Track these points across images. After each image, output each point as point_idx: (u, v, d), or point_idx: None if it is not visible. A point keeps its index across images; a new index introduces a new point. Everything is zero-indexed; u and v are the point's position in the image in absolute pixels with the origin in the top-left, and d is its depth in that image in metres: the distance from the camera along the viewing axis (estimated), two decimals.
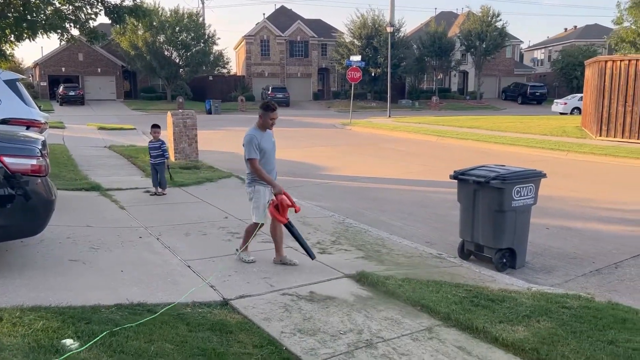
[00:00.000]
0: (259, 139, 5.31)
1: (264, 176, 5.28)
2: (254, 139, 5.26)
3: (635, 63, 16.49)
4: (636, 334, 3.83)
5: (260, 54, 52.93)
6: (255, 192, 5.43)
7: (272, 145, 5.50)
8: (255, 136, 5.29)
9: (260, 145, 5.28)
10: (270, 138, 5.49)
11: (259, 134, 5.35)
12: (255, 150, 5.25)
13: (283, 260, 5.60)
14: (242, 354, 3.49)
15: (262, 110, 5.36)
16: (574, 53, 51.73)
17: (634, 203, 9.26)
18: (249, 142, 5.25)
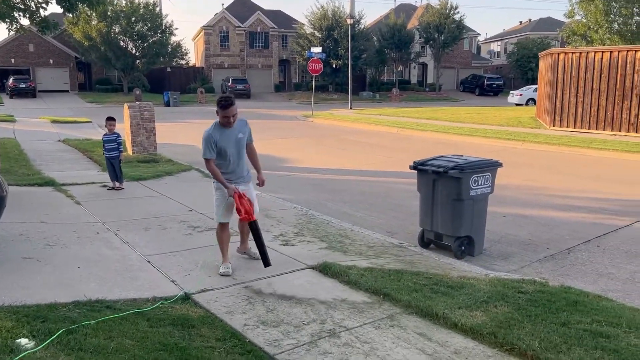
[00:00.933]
0: (217, 137, 4.91)
1: (218, 177, 4.97)
2: (210, 138, 4.89)
3: (586, 55, 17.07)
4: (586, 315, 4.00)
5: (220, 45, 52.20)
6: (217, 189, 5.15)
7: (234, 143, 5.01)
8: (211, 135, 4.90)
9: (218, 144, 4.91)
10: (233, 135, 5.01)
11: (217, 131, 4.95)
12: (210, 150, 4.90)
13: (247, 252, 5.54)
14: (205, 348, 3.46)
15: (217, 107, 4.93)
16: (529, 45, 53.14)
17: (585, 191, 9.62)
18: (204, 140, 4.92)
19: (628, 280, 5.34)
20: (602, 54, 16.71)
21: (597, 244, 6.49)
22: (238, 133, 5.06)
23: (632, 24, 36.89)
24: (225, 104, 4.85)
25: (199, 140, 7.82)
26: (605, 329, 3.78)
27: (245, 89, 45.69)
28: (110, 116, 9.34)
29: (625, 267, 5.70)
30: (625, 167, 12.21)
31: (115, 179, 9.12)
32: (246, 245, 5.57)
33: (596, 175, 11.30)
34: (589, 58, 16.93)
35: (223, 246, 5.17)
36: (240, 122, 5.11)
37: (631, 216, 7.70)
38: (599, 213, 7.97)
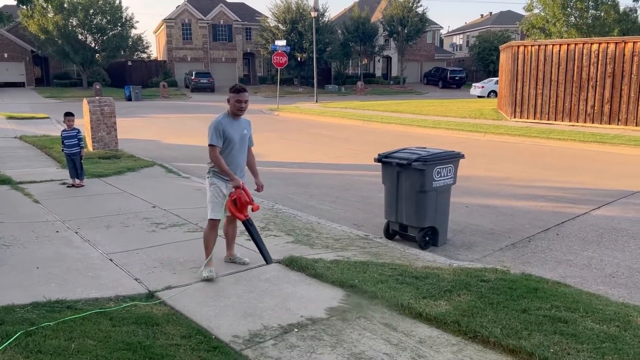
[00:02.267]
0: (225, 126, 4.72)
1: (223, 167, 4.70)
2: (219, 125, 4.71)
3: (544, 48, 17.50)
4: (546, 301, 4.12)
5: (182, 38, 51.34)
6: (211, 184, 4.85)
7: (240, 136, 4.84)
8: (221, 122, 4.73)
9: (225, 132, 4.70)
10: (240, 127, 4.86)
11: (227, 120, 4.77)
12: (217, 137, 4.68)
13: (233, 259, 5.24)
14: (170, 346, 3.42)
15: (230, 93, 4.78)
16: (490, 38, 54.17)
17: (545, 180, 9.88)
18: (213, 126, 4.71)
19: (585, 266, 5.52)
20: (560, 46, 17.16)
21: (556, 232, 6.68)
22: (244, 129, 4.91)
23: (587, 17, 37.99)
24: (239, 87, 4.81)
25: (162, 135, 7.72)
26: (563, 314, 3.90)
27: (209, 82, 45.13)
28: (69, 112, 9.08)
29: (582, 253, 5.89)
30: (582, 156, 12.60)
31: (76, 175, 8.91)
32: (232, 252, 5.28)
33: (555, 165, 11.62)
34: (547, 51, 17.37)
35: (209, 246, 4.86)
36: (245, 121, 4.98)
37: (588, 204, 7.96)
38: (558, 202, 8.21)
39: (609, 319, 3.83)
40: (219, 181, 4.81)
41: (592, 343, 3.45)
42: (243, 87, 4.82)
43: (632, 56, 15.39)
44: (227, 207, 4.76)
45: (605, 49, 15.99)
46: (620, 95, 15.77)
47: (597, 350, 3.36)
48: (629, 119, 15.64)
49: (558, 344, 3.44)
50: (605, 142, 13.69)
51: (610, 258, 5.73)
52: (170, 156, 12.86)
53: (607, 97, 16.03)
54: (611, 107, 16.01)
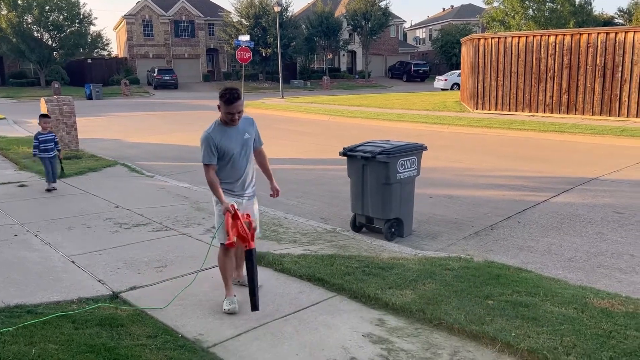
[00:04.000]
0: (218, 138, 4.00)
1: (214, 189, 4.01)
2: (209, 139, 3.99)
3: (504, 40, 17.86)
4: (508, 287, 4.22)
5: (143, 34, 50.37)
6: (217, 202, 4.10)
7: (241, 143, 4.12)
8: (211, 136, 4.00)
9: (219, 145, 4.00)
10: (238, 135, 4.11)
11: (218, 131, 4.04)
12: (210, 154, 3.98)
13: (242, 281, 4.51)
14: (135, 346, 3.37)
15: (220, 102, 4.02)
16: (452, 32, 55.00)
17: (506, 170, 10.11)
18: (203, 143, 4.02)
19: (545, 251, 5.69)
20: (519, 39, 17.54)
21: (518, 220, 6.85)
22: (244, 133, 4.16)
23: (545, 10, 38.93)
24: (230, 97, 3.93)
25: (124, 133, 7.57)
26: (524, 298, 4.01)
27: (172, 79, 44.49)
28: (44, 113, 8.75)
29: (542, 239, 6.07)
30: (542, 146, 12.93)
31: (53, 180, 8.60)
32: (240, 272, 4.57)
33: (516, 154, 11.90)
34: (507, 43, 17.73)
35: (226, 274, 4.18)
36: (245, 121, 4.21)
37: (548, 192, 8.18)
38: (519, 190, 8.41)
39: (568, 301, 3.96)
40: (229, 198, 4.06)
41: (552, 325, 3.56)
42: (236, 95, 3.97)
43: (587, 47, 15.86)
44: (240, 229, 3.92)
45: (562, 40, 16.43)
46: (577, 85, 16.24)
47: (556, 332, 3.47)
48: (585, 109, 16.13)
49: (519, 328, 3.53)
50: (564, 132, 14.09)
51: (569, 243, 5.91)
52: (133, 155, 12.62)
53: (565, 88, 16.49)
54: (569, 98, 16.48)
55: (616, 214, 6.98)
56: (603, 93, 15.73)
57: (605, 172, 9.52)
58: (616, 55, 15.32)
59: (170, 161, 11.78)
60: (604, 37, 15.59)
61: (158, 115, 23.91)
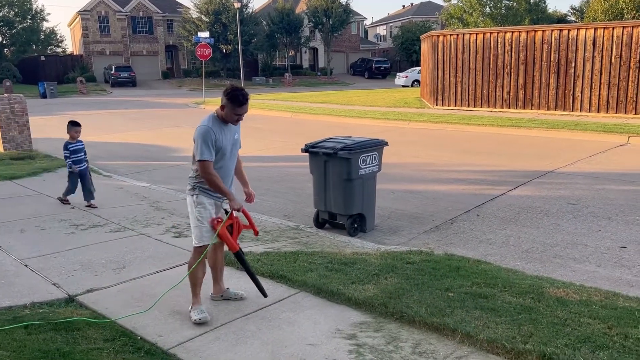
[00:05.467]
0: (217, 134, 3.74)
1: (220, 187, 3.73)
2: (209, 134, 3.69)
3: (462, 37, 18.19)
4: (467, 279, 4.30)
5: (99, 31, 49.02)
6: (198, 203, 3.82)
7: (232, 143, 3.91)
8: (211, 130, 3.71)
9: (217, 142, 3.73)
10: (232, 132, 3.90)
11: (217, 126, 3.77)
12: (210, 149, 3.69)
13: (227, 295, 4.19)
14: (92, 350, 3.27)
15: (226, 100, 3.74)
16: (412, 29, 55.63)
17: (466, 164, 10.30)
18: (202, 136, 3.69)
19: (504, 244, 5.82)
20: (477, 35, 17.90)
21: (477, 213, 6.99)
22: (235, 133, 3.94)
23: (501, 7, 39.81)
24: (242, 99, 3.72)
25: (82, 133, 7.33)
26: (483, 290, 4.08)
27: (130, 76, 43.52)
28: (75, 121, 7.55)
29: (501, 232, 6.20)
30: (500, 140, 13.23)
31: (92, 196, 7.41)
32: (221, 286, 4.23)
33: (475, 149, 12.14)
34: (465, 39, 18.06)
35: (197, 281, 3.90)
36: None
37: (506, 185, 8.38)
38: (478, 184, 8.58)
39: (525, 292, 4.05)
40: (207, 199, 3.82)
41: (510, 315, 3.64)
42: (246, 98, 3.77)
43: (542, 44, 16.32)
44: (220, 234, 3.79)
45: (518, 37, 16.84)
46: (532, 81, 16.69)
47: (514, 322, 3.55)
48: (541, 104, 16.60)
49: (479, 319, 3.60)
50: (521, 126, 14.45)
51: (526, 235, 6.06)
52: (90, 155, 12.17)
53: (521, 84, 16.92)
54: (525, 93, 16.92)
55: (571, 205, 7.20)
56: (557, 88, 16.22)
57: (560, 165, 9.82)
58: (569, 52, 15.82)
59: (129, 160, 11.51)
60: (558, 34, 16.07)
61: (116, 113, 23.33)
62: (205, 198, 3.82)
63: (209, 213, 3.82)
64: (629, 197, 7.50)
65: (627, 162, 10.13)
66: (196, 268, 3.87)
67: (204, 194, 3.83)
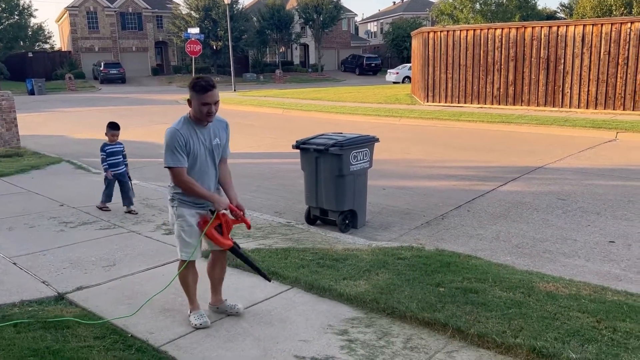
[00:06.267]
0: (185, 137, 3.38)
1: (198, 192, 3.43)
2: (176, 136, 3.35)
3: (453, 34, 18.23)
4: (458, 274, 4.32)
5: (88, 27, 48.61)
6: (178, 216, 3.54)
7: (208, 149, 3.51)
8: (178, 132, 3.37)
9: (187, 146, 3.38)
10: (208, 135, 3.51)
11: (187, 128, 3.42)
12: (177, 154, 3.36)
13: (222, 308, 3.88)
14: (82, 348, 3.25)
15: (190, 92, 3.40)
16: (403, 25, 55.69)
17: (456, 160, 10.35)
18: (167, 141, 3.38)
19: (494, 239, 5.85)
20: (467, 32, 17.94)
21: (467, 209, 7.02)
22: (214, 137, 3.55)
23: (491, 3, 39.92)
24: (203, 84, 3.36)
25: (69, 129, 7.28)
26: (474, 285, 4.11)
27: (119, 73, 43.21)
28: (115, 123, 7.02)
29: (491, 227, 6.24)
30: (490, 136, 13.30)
31: (131, 202, 6.92)
32: (219, 296, 3.92)
33: (466, 145, 12.19)
34: (456, 36, 18.10)
35: (190, 289, 3.74)
36: (218, 123, 3.60)
37: (496, 181, 8.42)
38: (468, 180, 8.62)
39: (515, 286, 4.08)
40: (188, 210, 3.52)
41: (500, 310, 3.66)
42: (210, 83, 3.39)
43: (531, 40, 16.39)
44: (208, 236, 3.57)
45: (508, 33, 16.91)
46: (522, 77, 16.77)
47: (504, 316, 3.57)
48: (531, 100, 16.69)
49: (469, 313, 3.62)
50: (511, 122, 14.53)
51: (516, 230, 6.10)
52: (79, 152, 12.19)
53: (511, 80, 17.00)
54: (515, 89, 17.00)
55: (560, 200, 7.25)
56: (547, 85, 16.32)
57: (549, 161, 9.88)
58: (558, 48, 15.91)
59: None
60: (547, 31, 16.15)
61: (105, 110, 23.16)
62: (185, 209, 3.51)
63: (189, 226, 3.51)
64: (618, 193, 7.57)
65: (616, 157, 10.22)
66: (185, 277, 3.68)
67: (184, 204, 3.52)
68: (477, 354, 3.25)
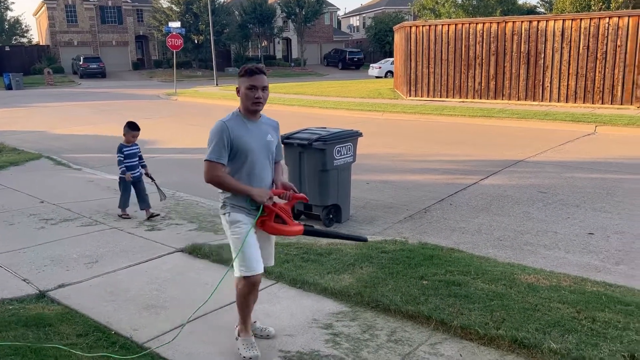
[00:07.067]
0: (235, 130, 3.07)
1: (235, 186, 3.05)
2: (223, 130, 3.04)
3: (435, 28, 18.31)
4: (441, 267, 4.36)
5: (67, 20, 47.78)
6: (231, 222, 3.11)
7: (262, 145, 3.16)
8: (225, 125, 3.06)
9: (234, 140, 3.05)
10: (260, 132, 3.18)
11: (237, 122, 3.11)
12: (220, 148, 3.03)
13: (253, 330, 3.41)
14: (64, 346, 3.21)
15: (239, 78, 3.14)
16: (385, 20, 55.75)
17: (439, 154, 10.42)
18: (213, 132, 3.08)
19: (476, 232, 5.91)
20: (449, 26, 18.03)
21: (450, 202, 7.09)
22: (266, 134, 3.21)
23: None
24: (252, 68, 3.10)
25: (49, 125, 7.15)
26: (457, 277, 4.15)
27: (99, 67, 42.60)
28: (134, 123, 6.42)
29: (473, 220, 6.30)
30: (471, 130, 13.41)
31: (148, 204, 6.43)
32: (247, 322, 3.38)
33: (447, 139, 12.28)
34: (437, 30, 18.18)
35: (248, 310, 3.28)
36: (268, 122, 3.31)
37: (477, 174, 8.50)
38: (450, 174, 8.69)
39: (497, 278, 4.13)
40: (242, 215, 3.10)
41: (483, 302, 3.71)
42: (258, 67, 3.12)
43: (512, 35, 16.54)
44: (274, 233, 3.22)
45: (489, 28, 17.04)
46: (503, 72, 16.93)
47: (486, 308, 3.62)
48: (511, 94, 16.86)
49: (452, 306, 3.66)
50: (492, 116, 14.67)
51: (498, 223, 6.17)
52: (59, 147, 12.01)
53: (492, 74, 17.14)
54: (496, 84, 17.15)
55: (541, 193, 7.35)
56: (527, 79, 16.49)
57: (530, 154, 10.01)
58: (539, 43, 16.08)
59: (99, 153, 11.28)
60: (527, 26, 16.31)
61: (85, 105, 22.84)
62: (239, 214, 3.09)
63: (246, 233, 3.05)
64: (597, 185, 7.70)
65: (595, 150, 10.39)
66: (246, 299, 3.21)
67: (237, 209, 3.10)
68: (460, 346, 3.29)
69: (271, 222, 3.11)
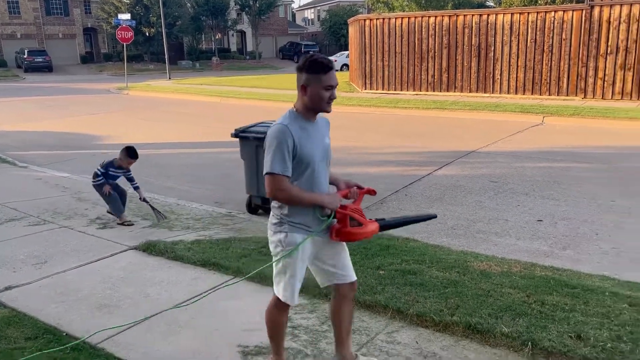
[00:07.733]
0: (297, 137, 2.55)
1: (306, 199, 2.60)
2: (286, 136, 2.53)
3: (388, 21, 18.49)
4: (397, 257, 4.43)
5: (8, 12, 45.60)
6: (287, 243, 2.65)
7: (322, 148, 2.71)
8: (289, 131, 2.54)
9: (298, 148, 2.55)
10: (320, 133, 2.72)
11: (299, 125, 2.60)
12: (285, 159, 2.53)
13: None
14: (12, 350, 3.10)
15: (306, 75, 2.56)
16: (340, 12, 55.84)
17: (394, 147, 10.56)
18: (276, 139, 2.53)
19: (430, 221, 6.02)
20: (402, 19, 18.25)
21: (405, 193, 7.20)
22: (324, 136, 2.77)
23: None
24: (325, 62, 2.56)
25: None
26: (412, 266, 4.23)
27: (45, 61, 40.92)
28: (132, 148, 5.97)
29: (428, 210, 6.42)
30: (425, 122, 13.64)
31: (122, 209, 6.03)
32: (346, 348, 2.99)
33: (402, 132, 12.46)
34: (391, 24, 18.37)
35: (280, 335, 2.96)
36: (321, 119, 2.80)
37: (431, 165, 8.67)
38: (405, 166, 8.83)
39: (451, 266, 4.24)
40: (301, 236, 2.65)
41: (437, 289, 3.80)
42: (329, 60, 2.62)
43: (463, 28, 16.90)
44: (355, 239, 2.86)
45: (441, 22, 17.34)
46: (455, 64, 17.28)
47: (441, 296, 3.70)
48: (464, 86, 17.24)
49: (408, 294, 3.73)
50: (445, 108, 14.97)
51: (451, 212, 6.32)
52: (4, 145, 11.50)
53: (445, 67, 17.48)
54: (448, 76, 17.50)
55: (492, 183, 7.57)
56: (479, 71, 16.90)
57: (482, 145, 10.27)
58: (489, 36, 16.49)
59: (47, 150, 10.89)
60: (478, 19, 16.69)
61: (31, 100, 21.93)
62: (298, 235, 2.64)
63: (300, 256, 2.67)
64: (545, 174, 7.98)
65: (543, 140, 10.77)
66: (278, 322, 2.90)
67: (297, 229, 2.65)
68: (417, 333, 3.36)
69: (347, 227, 2.72)
